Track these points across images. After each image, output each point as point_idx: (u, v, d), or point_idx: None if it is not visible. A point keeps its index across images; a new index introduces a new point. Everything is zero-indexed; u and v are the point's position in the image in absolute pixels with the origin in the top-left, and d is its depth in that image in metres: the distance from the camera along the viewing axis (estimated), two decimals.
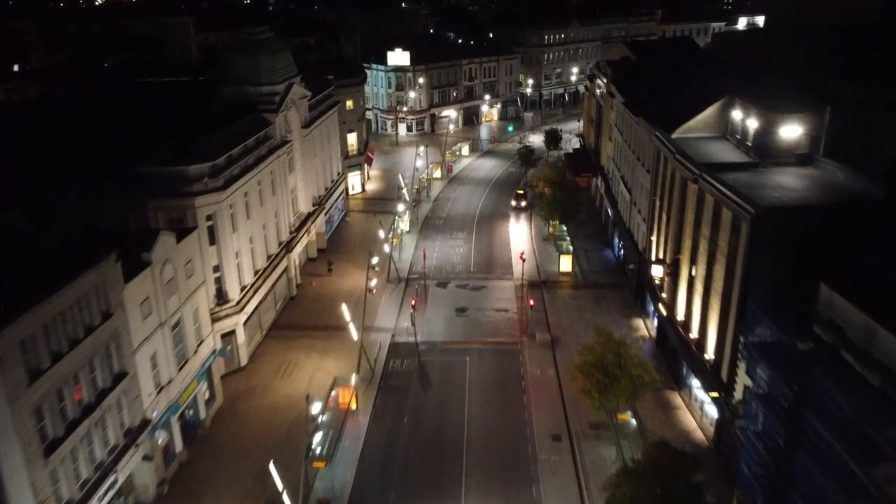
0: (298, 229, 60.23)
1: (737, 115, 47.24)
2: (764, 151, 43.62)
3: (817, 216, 33.81)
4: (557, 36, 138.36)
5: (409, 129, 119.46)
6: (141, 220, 42.53)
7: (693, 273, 42.89)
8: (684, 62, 73.08)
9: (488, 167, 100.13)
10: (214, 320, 44.76)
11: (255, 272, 50.74)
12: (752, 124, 44.70)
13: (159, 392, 36.53)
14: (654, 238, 52.19)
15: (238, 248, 47.69)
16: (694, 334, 42.42)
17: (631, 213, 61.11)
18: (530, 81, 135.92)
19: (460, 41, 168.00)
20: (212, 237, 44.62)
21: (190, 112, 52.51)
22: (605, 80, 77.94)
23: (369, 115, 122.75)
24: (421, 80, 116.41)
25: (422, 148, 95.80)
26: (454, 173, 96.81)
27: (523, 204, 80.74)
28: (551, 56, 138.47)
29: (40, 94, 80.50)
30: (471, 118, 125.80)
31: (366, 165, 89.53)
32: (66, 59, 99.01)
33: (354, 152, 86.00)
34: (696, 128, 50.31)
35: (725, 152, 46.39)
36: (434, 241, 71.90)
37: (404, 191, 79.44)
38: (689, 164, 42.50)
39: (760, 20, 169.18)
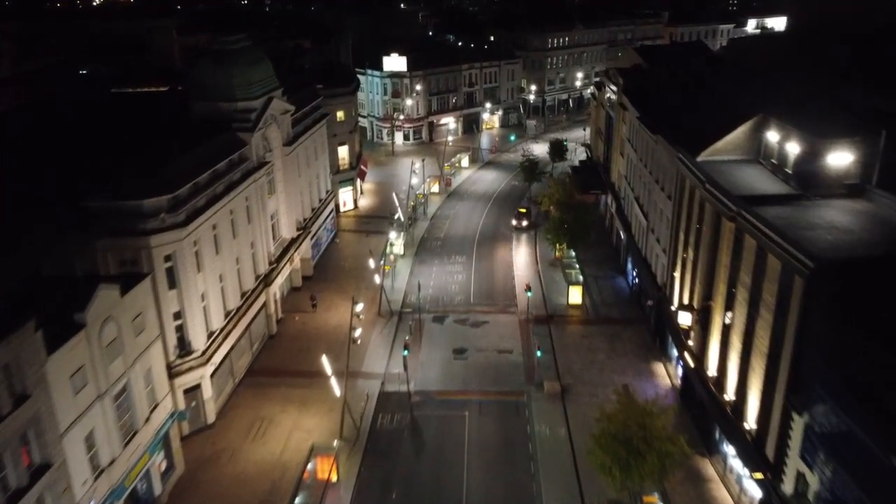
0: (280, 259, 54.35)
1: (772, 136, 41.32)
2: (807, 181, 37.73)
3: (892, 270, 27.90)
4: (561, 39, 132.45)
5: (406, 137, 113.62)
6: (89, 264, 36.64)
7: (728, 323, 36.98)
8: (701, 70, 67.33)
9: (489, 180, 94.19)
10: (175, 375, 38.93)
11: (226, 314, 44.87)
12: (793, 149, 38.80)
13: (98, 476, 30.67)
14: (677, 275, 46.26)
15: (205, 289, 41.84)
16: (729, 395, 36.51)
17: (647, 241, 55.21)
18: (533, 87, 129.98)
19: (460, 43, 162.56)
20: (171, 280, 38.74)
21: (159, 130, 46.69)
22: (615, 90, 72.09)
23: (364, 122, 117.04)
24: (418, 87, 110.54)
25: (417, 164, 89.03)
26: (453, 187, 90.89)
27: (525, 223, 74.85)
28: (555, 60, 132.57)
29: (7, 107, 74.62)
30: (471, 126, 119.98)
31: (358, 180, 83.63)
32: (41, 65, 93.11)
33: (346, 166, 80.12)
34: (724, 150, 44.44)
35: (761, 180, 40.51)
36: (430, 266, 66.00)
37: (399, 214, 73.56)
38: (725, 197, 36.57)
39: (772, 22, 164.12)
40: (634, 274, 59.78)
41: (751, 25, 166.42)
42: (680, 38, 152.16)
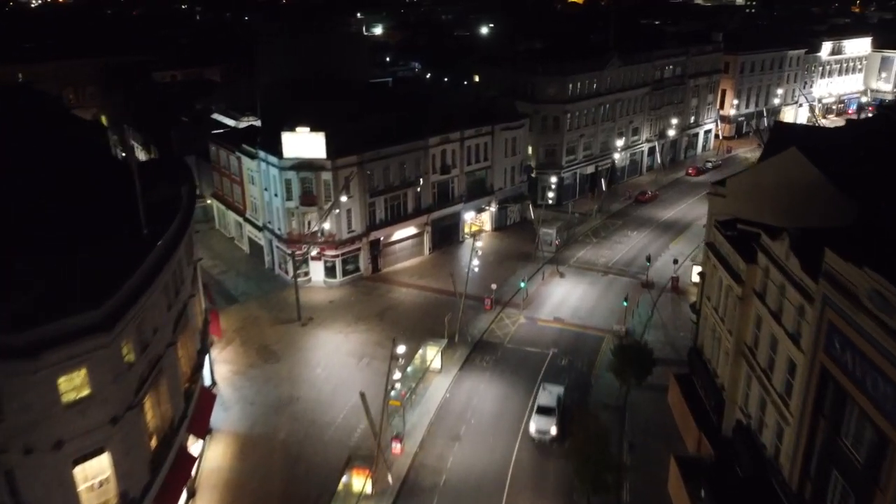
0: None
1: None
2: None
3: None
4: (588, 82, 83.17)
5: (330, 272, 63.10)
6: None
7: None
8: None
9: (486, 422, 43.65)
10: None
11: None
12: None
13: None
14: None
15: None
16: None
17: None
18: (551, 178, 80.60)
19: (429, 76, 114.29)
20: None
21: None
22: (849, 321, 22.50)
23: (259, 239, 66.70)
24: (345, 196, 59.99)
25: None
26: (406, 460, 40.32)
27: None
28: (578, 115, 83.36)
29: None
30: (448, 236, 70.21)
31: None
32: None
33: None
34: None
35: None
36: None
37: None
38: None
39: (851, 46, 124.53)
40: None
41: (825, 51, 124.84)
42: (741, 69, 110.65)
